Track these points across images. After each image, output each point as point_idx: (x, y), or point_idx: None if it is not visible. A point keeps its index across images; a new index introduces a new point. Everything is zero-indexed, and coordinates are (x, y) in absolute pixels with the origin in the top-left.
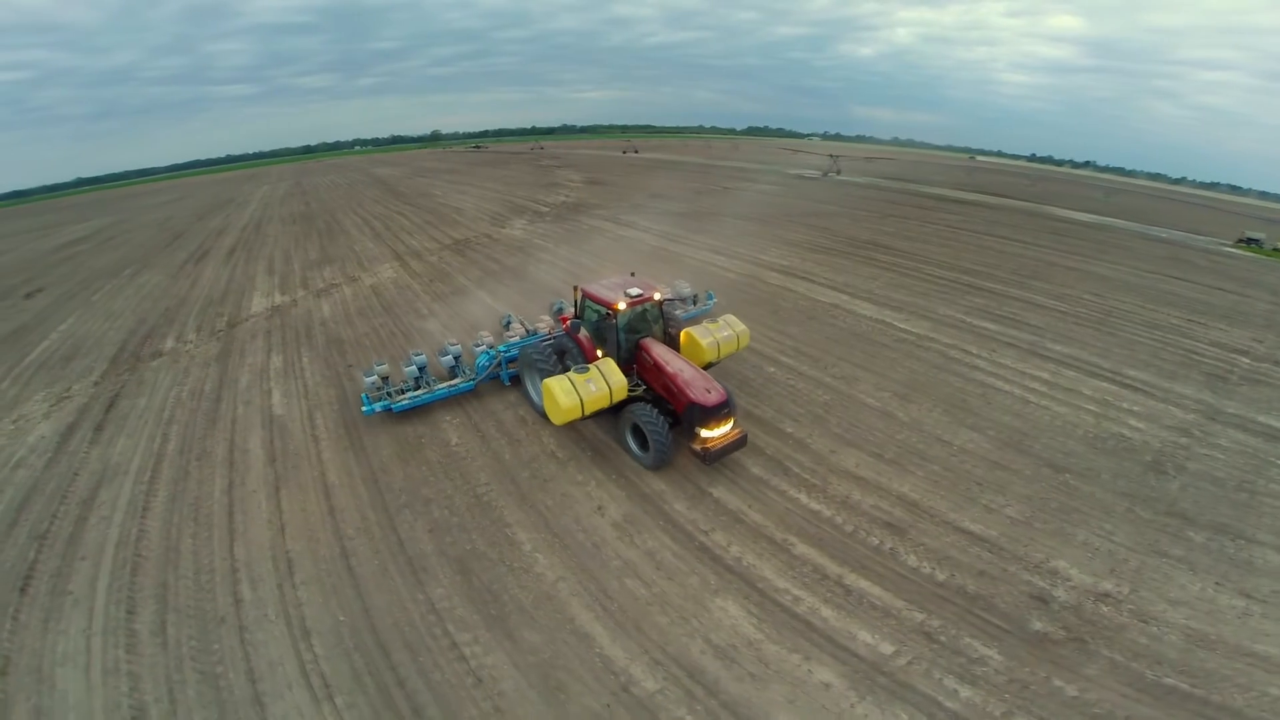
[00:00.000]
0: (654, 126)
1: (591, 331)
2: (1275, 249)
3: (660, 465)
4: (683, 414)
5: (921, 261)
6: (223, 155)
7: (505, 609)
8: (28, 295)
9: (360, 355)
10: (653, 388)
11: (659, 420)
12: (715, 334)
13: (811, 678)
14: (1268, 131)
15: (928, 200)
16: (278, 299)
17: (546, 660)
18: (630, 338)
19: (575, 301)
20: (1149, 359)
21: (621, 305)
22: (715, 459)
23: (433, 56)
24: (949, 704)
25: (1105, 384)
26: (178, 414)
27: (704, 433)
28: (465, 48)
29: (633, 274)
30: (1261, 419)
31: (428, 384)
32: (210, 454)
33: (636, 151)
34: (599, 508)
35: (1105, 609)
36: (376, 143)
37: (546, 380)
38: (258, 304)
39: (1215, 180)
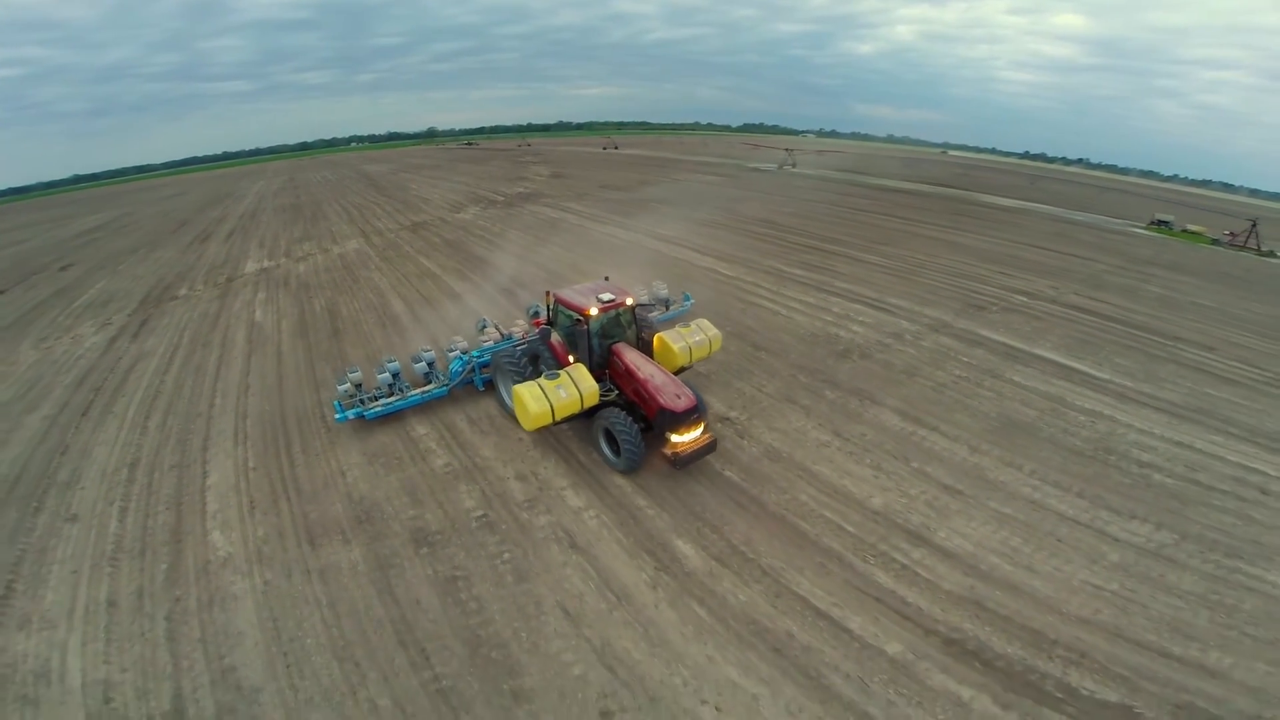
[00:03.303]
0: (650, 124)
1: (564, 336)
2: (1185, 230)
3: (632, 469)
4: (653, 419)
5: (793, 233)
6: (219, 152)
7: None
8: (62, 269)
9: (319, 292)
10: (624, 393)
11: (630, 425)
12: (687, 338)
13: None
14: (1269, 131)
15: (858, 189)
16: (266, 264)
17: (380, 430)
18: (603, 343)
19: (547, 306)
20: (921, 294)
21: (593, 310)
22: (685, 464)
23: (432, 52)
24: (583, 460)
25: (858, 306)
26: (189, 324)
27: (674, 438)
28: (465, 44)
29: (606, 278)
30: (983, 332)
31: (401, 390)
32: (209, 342)
33: (616, 148)
34: None
35: (718, 426)
36: (373, 139)
37: (516, 387)
38: (250, 267)
39: (1211, 178)
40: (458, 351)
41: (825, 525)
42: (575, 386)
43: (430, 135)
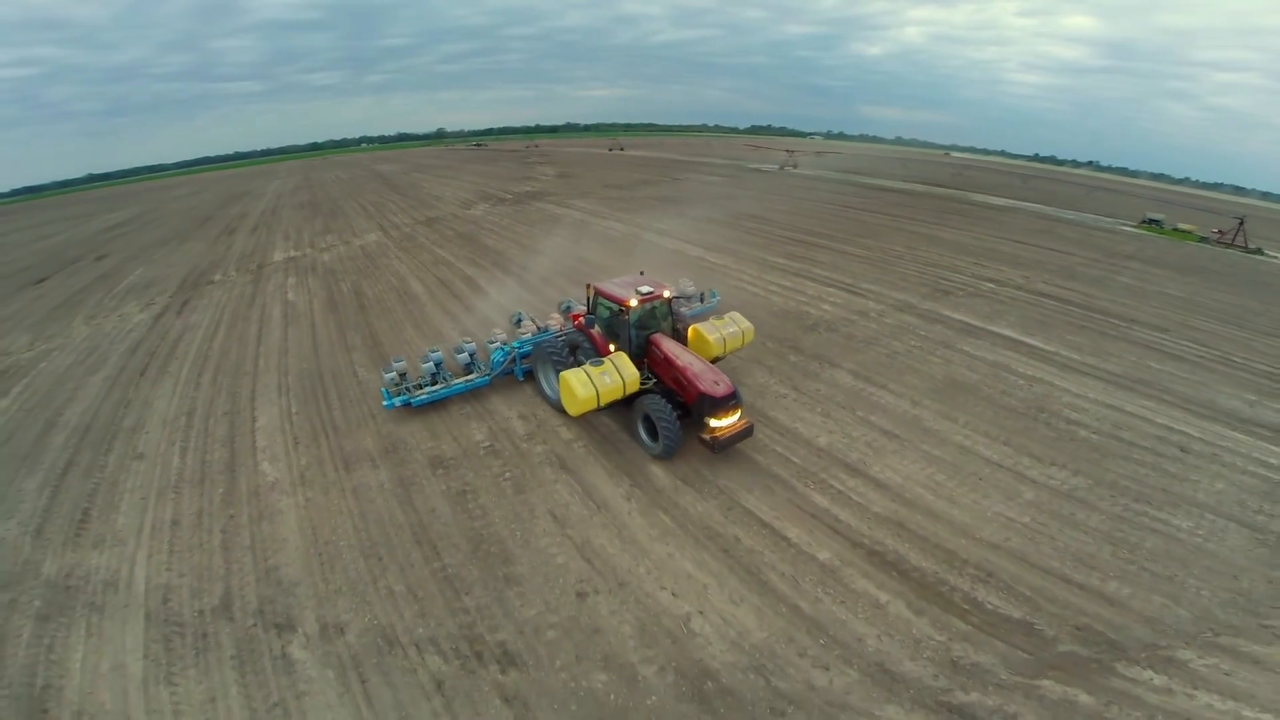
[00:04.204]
0: (657, 125)
1: (604, 327)
2: (1175, 229)
3: (669, 454)
4: (692, 405)
5: (782, 228)
6: (231, 152)
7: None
8: (98, 259)
9: (344, 277)
10: (663, 381)
11: (669, 411)
12: (721, 330)
13: None
14: None
15: (852, 188)
16: (292, 253)
17: None
18: (641, 333)
19: (588, 299)
20: (894, 280)
21: (633, 302)
22: (723, 447)
23: (441, 53)
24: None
25: (831, 289)
26: (228, 304)
27: (713, 423)
28: (473, 45)
29: (641, 273)
30: (945, 312)
31: (444, 379)
32: (248, 317)
33: (622, 149)
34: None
35: None
36: (383, 140)
37: (564, 373)
38: (278, 256)
39: (1223, 181)
40: (498, 343)
41: (775, 457)
42: (619, 373)
43: (439, 136)
